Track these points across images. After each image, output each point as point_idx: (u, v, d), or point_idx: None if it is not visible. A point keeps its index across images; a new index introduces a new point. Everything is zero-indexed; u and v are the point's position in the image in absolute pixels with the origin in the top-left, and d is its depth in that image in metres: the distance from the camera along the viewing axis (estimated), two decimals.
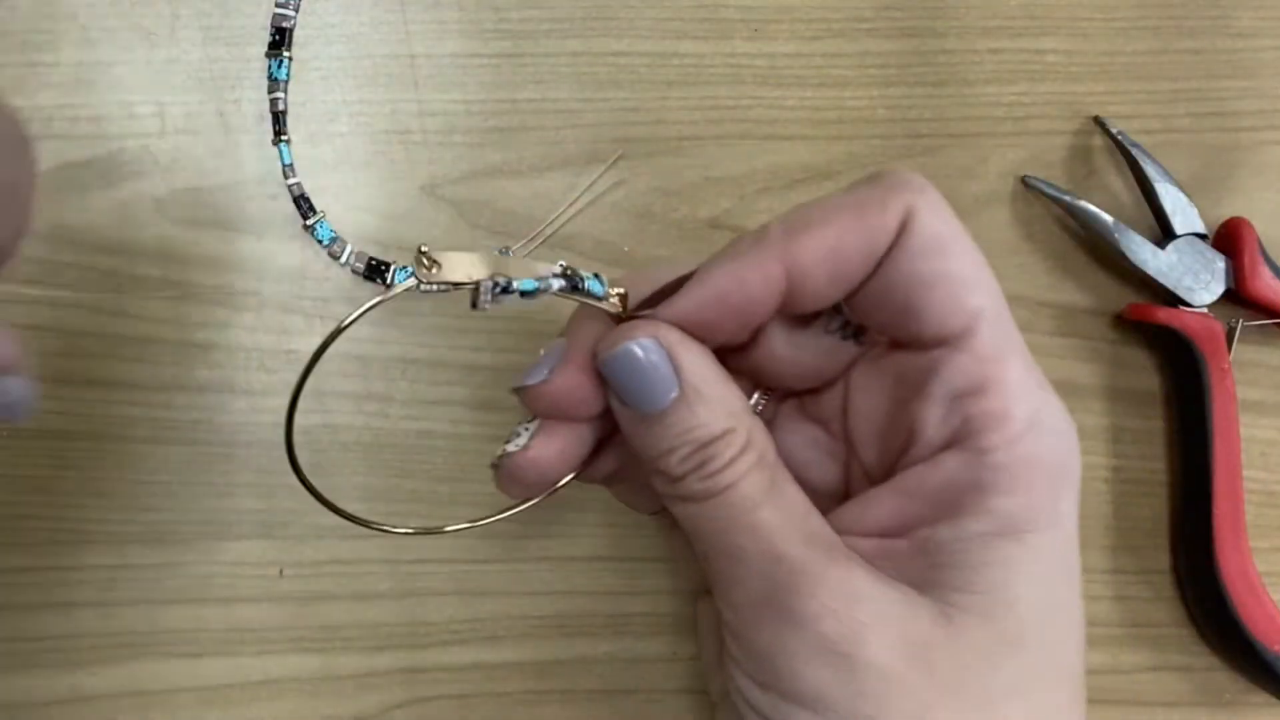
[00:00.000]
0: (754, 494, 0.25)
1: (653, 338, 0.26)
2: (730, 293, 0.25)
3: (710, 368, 0.26)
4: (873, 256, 0.25)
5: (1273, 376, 0.44)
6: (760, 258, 0.25)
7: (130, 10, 0.40)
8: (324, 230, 0.41)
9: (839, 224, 0.25)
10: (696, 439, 0.25)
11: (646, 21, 0.42)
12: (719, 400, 0.26)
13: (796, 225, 0.25)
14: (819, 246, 0.25)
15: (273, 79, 0.41)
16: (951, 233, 0.25)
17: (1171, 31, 0.44)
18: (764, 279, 0.25)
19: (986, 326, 0.25)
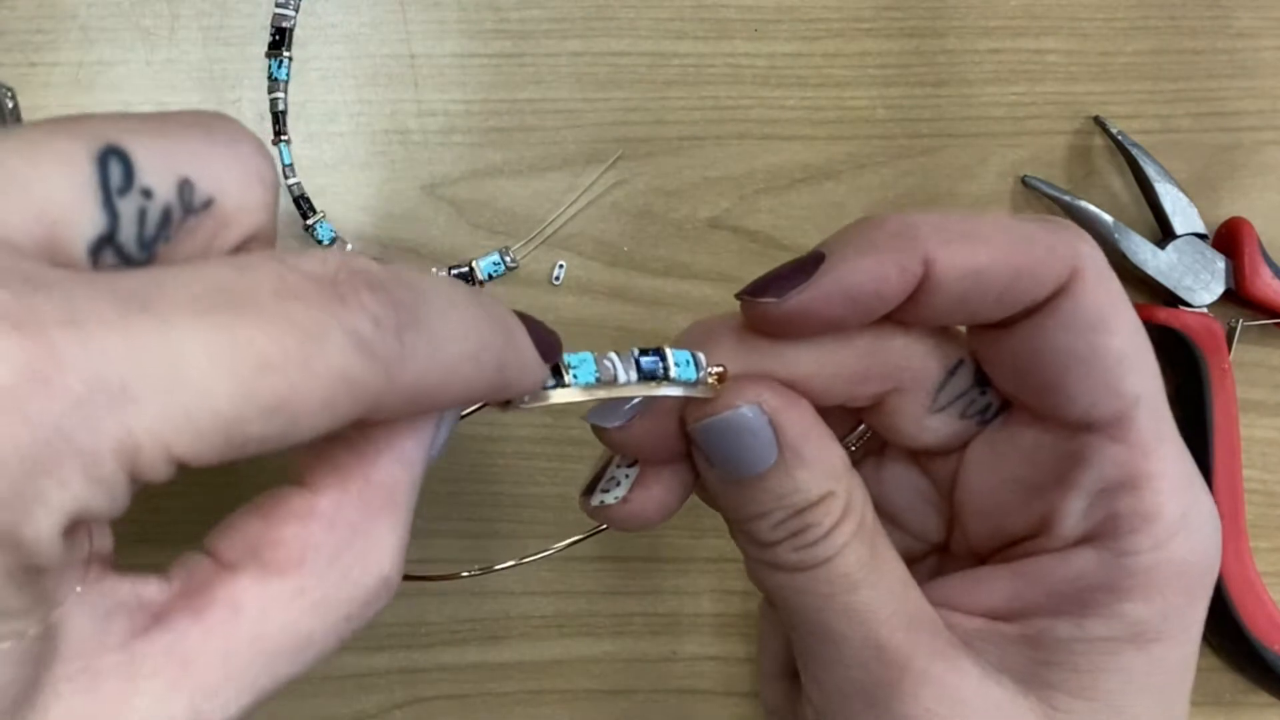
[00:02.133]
0: (853, 570, 0.23)
1: (755, 404, 0.23)
2: (862, 289, 0.22)
3: (812, 424, 0.23)
4: (1020, 300, 0.22)
5: (1273, 376, 0.44)
6: (903, 255, 0.22)
7: (130, 10, 0.40)
8: (324, 230, 0.41)
9: (997, 247, 0.22)
10: (793, 505, 0.23)
11: (646, 21, 0.42)
12: (819, 462, 0.23)
13: (949, 229, 0.22)
14: (968, 261, 0.22)
15: (273, 79, 0.41)
16: (1115, 303, 0.22)
17: (1171, 31, 0.44)
18: (902, 278, 0.22)
19: (1144, 415, 0.22)
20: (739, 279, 0.42)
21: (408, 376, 0.16)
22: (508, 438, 0.41)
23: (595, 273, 0.41)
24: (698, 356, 0.23)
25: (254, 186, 0.17)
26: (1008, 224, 0.23)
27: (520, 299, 0.41)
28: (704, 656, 0.41)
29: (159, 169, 0.16)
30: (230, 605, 0.16)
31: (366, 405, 0.15)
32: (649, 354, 0.22)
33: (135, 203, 0.16)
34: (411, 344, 0.16)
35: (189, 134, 0.17)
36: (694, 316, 0.41)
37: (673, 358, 0.22)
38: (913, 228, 0.22)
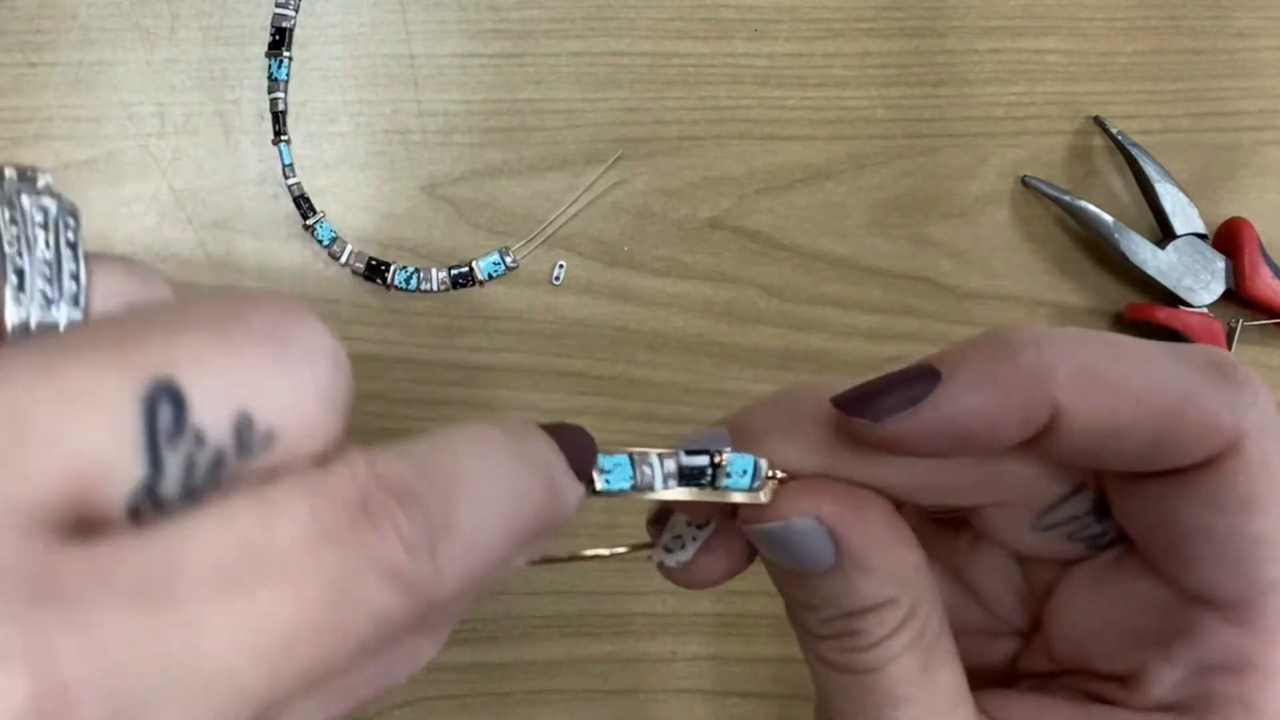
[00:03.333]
0: (900, 684, 0.21)
1: (813, 517, 0.21)
2: (975, 431, 0.19)
3: (881, 532, 0.21)
4: (1159, 463, 0.20)
5: (1273, 376, 0.44)
6: (1030, 398, 0.19)
7: (130, 10, 0.40)
8: (324, 230, 0.41)
9: (1145, 402, 0.19)
10: (846, 608, 0.21)
11: (646, 21, 0.42)
12: (883, 569, 0.21)
13: (1091, 372, 0.19)
14: (1105, 418, 0.19)
15: (273, 79, 0.41)
16: (1273, 480, 0.19)
17: (1171, 31, 0.44)
18: (1023, 426, 0.19)
19: (1274, 601, 0.20)
20: (739, 279, 0.42)
21: (445, 590, 0.15)
22: None
23: (595, 273, 0.41)
24: (759, 465, 0.21)
25: (324, 412, 0.15)
26: (1166, 371, 0.19)
27: (520, 299, 0.41)
28: (704, 656, 0.41)
29: (215, 404, 0.13)
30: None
31: (404, 628, 0.14)
32: (696, 454, 0.20)
33: (184, 450, 0.13)
34: (447, 556, 0.15)
35: (258, 349, 0.14)
36: (694, 316, 0.41)
37: (728, 464, 0.20)
38: (1047, 367, 0.19)
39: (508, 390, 0.41)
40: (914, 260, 0.43)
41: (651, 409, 0.41)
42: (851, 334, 0.42)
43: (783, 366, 0.42)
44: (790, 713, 0.42)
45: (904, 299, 0.43)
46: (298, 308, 0.15)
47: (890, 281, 0.43)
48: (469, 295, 0.41)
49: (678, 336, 0.41)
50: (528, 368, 0.41)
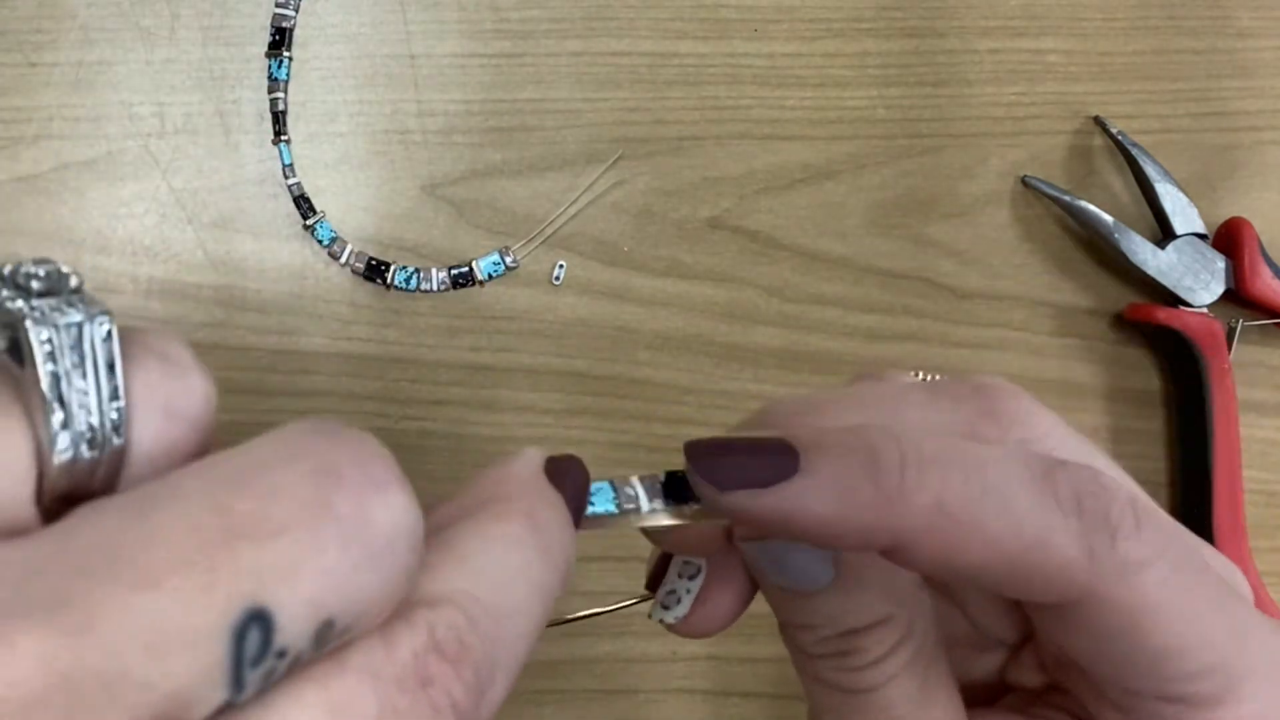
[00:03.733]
0: (897, 704, 0.21)
1: None
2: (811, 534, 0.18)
3: None
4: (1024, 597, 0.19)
5: (1273, 376, 0.44)
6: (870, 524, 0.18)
7: (130, 10, 0.40)
8: (324, 230, 0.41)
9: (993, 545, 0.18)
10: (842, 626, 0.21)
11: (646, 21, 0.42)
12: (882, 586, 0.20)
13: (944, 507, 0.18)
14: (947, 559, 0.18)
15: (273, 79, 0.41)
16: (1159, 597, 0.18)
17: (1171, 31, 0.44)
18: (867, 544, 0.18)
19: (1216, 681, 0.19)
20: (739, 279, 0.42)
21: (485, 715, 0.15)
22: (508, 438, 0.41)
23: (595, 273, 0.41)
24: None
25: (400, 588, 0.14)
26: (1025, 510, 0.18)
27: (520, 299, 0.41)
28: (704, 656, 0.41)
29: (302, 621, 0.13)
30: None
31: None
32: (679, 476, 0.20)
33: (267, 667, 0.13)
34: (493, 697, 0.15)
35: (345, 547, 0.13)
36: (694, 316, 0.41)
37: None
38: (902, 498, 0.18)
39: (508, 390, 0.41)
40: (914, 260, 0.43)
41: (651, 409, 0.41)
42: (851, 334, 0.42)
43: (783, 366, 0.42)
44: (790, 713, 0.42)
45: (904, 299, 0.43)
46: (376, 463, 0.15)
47: (890, 281, 0.43)
48: (469, 295, 0.41)
49: (678, 336, 0.41)
50: (528, 368, 0.41)
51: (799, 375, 0.42)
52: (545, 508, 0.18)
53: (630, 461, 0.41)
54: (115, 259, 0.39)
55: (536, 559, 0.17)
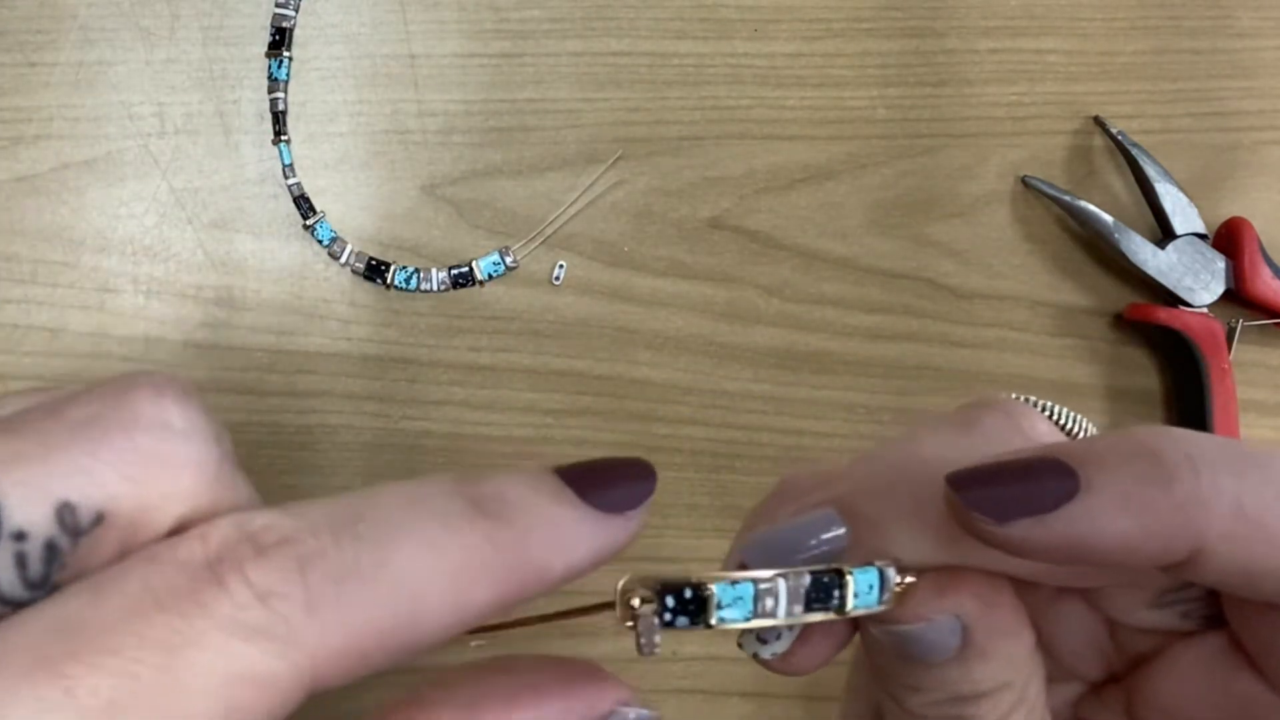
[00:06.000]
0: None
1: (953, 616, 0.19)
2: (1107, 555, 0.17)
3: (1010, 621, 0.20)
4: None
5: (1273, 376, 0.44)
6: (1173, 535, 0.17)
7: (130, 10, 0.40)
8: (324, 230, 0.41)
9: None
10: (958, 693, 0.20)
11: (646, 21, 0.42)
12: (1003, 656, 0.19)
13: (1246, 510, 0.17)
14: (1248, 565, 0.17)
15: (273, 79, 0.41)
16: None
17: (1171, 31, 0.44)
18: (1159, 558, 0.17)
19: None
20: (739, 279, 0.42)
21: (336, 640, 0.14)
22: (508, 438, 0.41)
23: (595, 273, 0.41)
24: (885, 576, 0.18)
25: (162, 475, 0.15)
26: None
27: (520, 299, 0.41)
28: (704, 656, 0.41)
29: (31, 503, 0.14)
30: None
31: (296, 689, 0.14)
32: (824, 578, 0.18)
33: (9, 550, 0.14)
34: (330, 610, 0.14)
35: (74, 439, 0.14)
36: (694, 316, 0.41)
37: (853, 585, 0.18)
38: (1203, 502, 0.16)
39: (508, 390, 0.41)
40: (914, 260, 0.43)
41: (651, 409, 0.41)
42: (851, 334, 0.42)
43: (783, 366, 0.42)
44: (791, 713, 0.42)
45: (904, 299, 0.43)
46: (130, 383, 0.15)
47: (890, 281, 0.43)
48: (469, 295, 0.41)
49: (678, 336, 0.41)
50: (528, 368, 0.41)
51: (799, 375, 0.42)
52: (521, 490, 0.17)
53: None
54: (115, 259, 0.39)
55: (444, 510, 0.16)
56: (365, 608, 0.15)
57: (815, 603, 0.18)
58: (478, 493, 0.16)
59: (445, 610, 0.16)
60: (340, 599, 0.14)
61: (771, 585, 0.18)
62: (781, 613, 0.18)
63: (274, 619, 0.14)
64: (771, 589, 0.18)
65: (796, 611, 0.18)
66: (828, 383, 0.42)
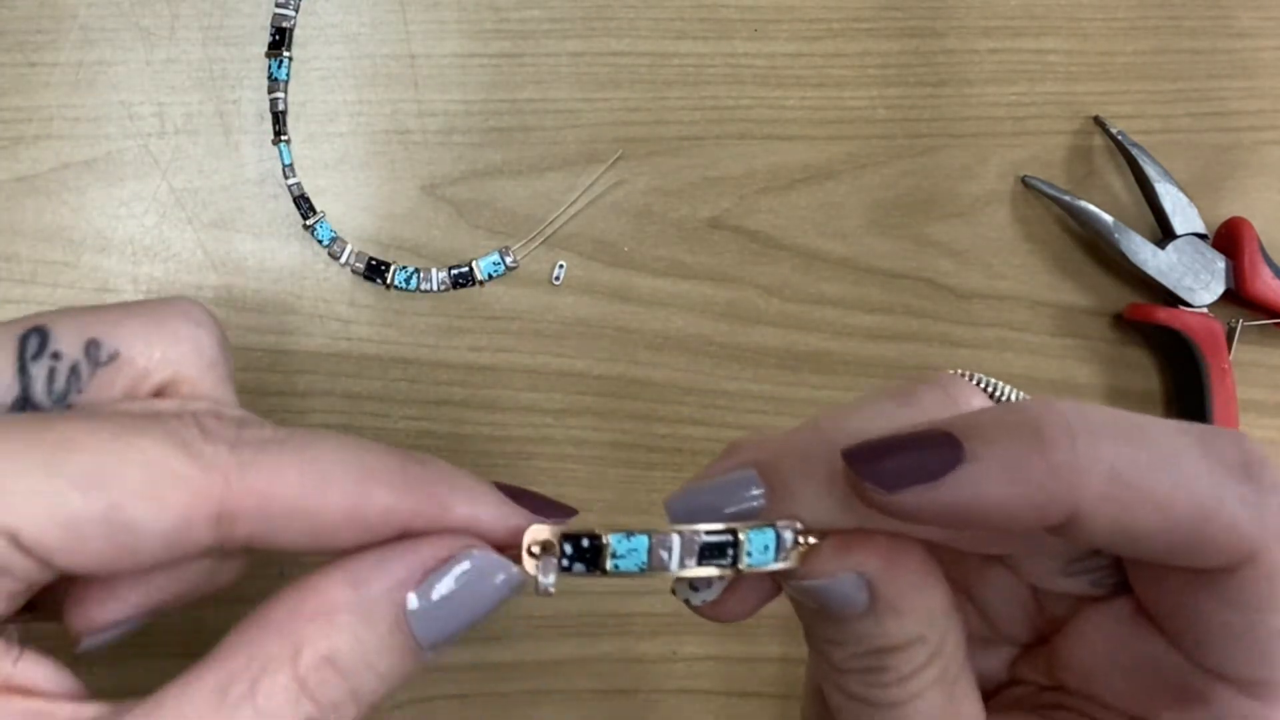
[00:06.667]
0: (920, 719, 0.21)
1: (856, 572, 0.20)
2: (989, 519, 0.18)
3: (918, 577, 0.21)
4: (1176, 564, 0.19)
5: (1273, 376, 0.44)
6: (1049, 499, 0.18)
7: (130, 10, 0.40)
8: (324, 230, 0.41)
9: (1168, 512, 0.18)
10: (874, 646, 0.21)
11: (646, 21, 0.42)
12: (915, 610, 0.20)
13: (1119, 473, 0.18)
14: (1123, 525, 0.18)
15: (273, 79, 0.41)
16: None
17: (1171, 31, 0.44)
18: (1039, 521, 0.18)
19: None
20: (739, 279, 0.42)
21: (249, 479, 0.18)
22: (508, 438, 0.41)
23: (595, 273, 0.41)
24: (782, 537, 0.20)
25: (172, 346, 0.21)
26: (1195, 475, 0.18)
27: (520, 299, 0.41)
28: (704, 656, 0.41)
29: (70, 336, 0.20)
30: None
31: (209, 506, 0.18)
32: (719, 536, 0.19)
33: (46, 365, 0.20)
34: (251, 457, 0.18)
35: (125, 313, 0.20)
36: (694, 316, 0.41)
37: (748, 542, 0.19)
38: (1078, 469, 0.18)
39: (508, 390, 0.41)
40: (914, 260, 0.43)
41: (651, 409, 0.41)
42: (851, 334, 0.42)
43: (783, 366, 0.42)
44: (791, 713, 0.42)
45: (904, 299, 0.43)
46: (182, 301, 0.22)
47: (890, 281, 0.43)
48: (469, 295, 0.41)
49: (678, 336, 0.41)
50: (528, 368, 0.41)
51: (799, 375, 0.42)
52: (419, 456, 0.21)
53: (630, 461, 0.41)
54: (115, 259, 0.39)
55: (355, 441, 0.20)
56: (280, 468, 0.19)
57: (708, 558, 0.19)
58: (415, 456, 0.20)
59: (347, 497, 0.19)
60: (261, 454, 0.19)
61: (666, 539, 0.19)
62: (674, 565, 0.19)
63: (204, 443, 0.18)
64: (666, 543, 0.19)
65: (690, 565, 0.19)
66: (828, 383, 0.42)
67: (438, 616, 0.20)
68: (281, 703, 0.18)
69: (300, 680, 0.19)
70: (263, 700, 0.18)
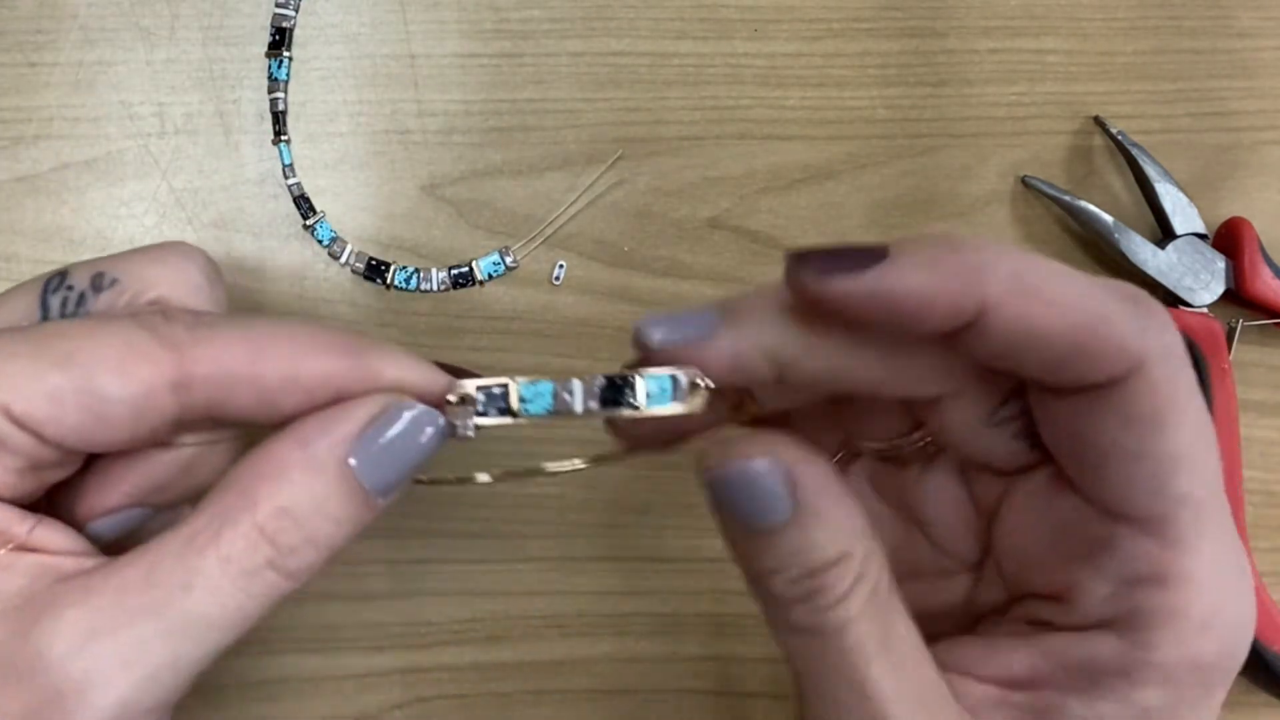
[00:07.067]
0: (865, 642, 0.22)
1: (769, 456, 0.22)
2: (906, 307, 0.21)
3: (832, 481, 0.23)
4: (1073, 377, 0.21)
5: (1273, 376, 0.44)
6: (962, 288, 0.20)
7: (130, 10, 0.40)
8: (324, 230, 0.41)
9: (1062, 315, 0.20)
10: (808, 563, 0.22)
11: (646, 21, 0.42)
12: (837, 520, 0.22)
13: (1021, 280, 0.20)
14: (1025, 321, 0.20)
15: (273, 79, 0.41)
16: (1178, 400, 0.21)
17: (1171, 31, 0.44)
18: (952, 311, 0.21)
19: (1187, 514, 0.21)
20: (739, 279, 0.42)
21: (200, 351, 0.22)
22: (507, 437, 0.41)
23: (595, 273, 0.41)
24: (677, 380, 0.22)
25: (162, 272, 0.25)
26: (1086, 290, 0.21)
27: (520, 299, 0.41)
28: (704, 656, 0.41)
29: (82, 272, 0.25)
30: None
31: (171, 375, 0.22)
32: (616, 380, 0.22)
33: (60, 296, 0.24)
34: (204, 335, 0.22)
35: (128, 253, 0.25)
36: None
37: (646, 384, 0.22)
38: (983, 266, 0.20)
39: None
40: None
41: None
42: None
43: None
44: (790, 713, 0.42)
45: None
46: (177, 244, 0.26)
47: None
48: (469, 295, 0.41)
49: None
50: (528, 368, 0.41)
51: None
52: None
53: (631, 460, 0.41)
54: None
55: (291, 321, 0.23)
56: (228, 341, 0.22)
57: (610, 402, 0.22)
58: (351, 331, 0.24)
59: (286, 362, 0.22)
60: (212, 330, 0.22)
61: (568, 384, 0.22)
62: (578, 407, 0.22)
63: (163, 325, 0.22)
64: (568, 386, 0.22)
65: (593, 407, 0.22)
66: None
67: (379, 464, 0.22)
68: (243, 547, 0.21)
69: (259, 527, 0.21)
70: (225, 546, 0.21)
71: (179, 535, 0.22)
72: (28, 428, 0.21)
